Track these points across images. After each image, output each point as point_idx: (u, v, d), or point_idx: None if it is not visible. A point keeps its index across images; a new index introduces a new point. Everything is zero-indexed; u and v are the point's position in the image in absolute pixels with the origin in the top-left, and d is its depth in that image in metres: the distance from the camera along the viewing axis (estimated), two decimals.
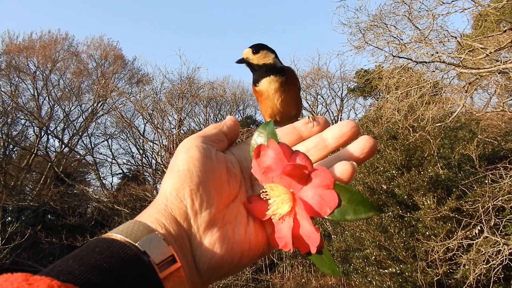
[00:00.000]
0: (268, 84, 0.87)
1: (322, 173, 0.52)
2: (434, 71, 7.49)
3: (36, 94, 17.50)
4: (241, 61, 0.90)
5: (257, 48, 0.89)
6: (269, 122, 0.63)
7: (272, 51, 0.90)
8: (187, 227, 0.51)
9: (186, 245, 0.50)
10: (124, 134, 18.44)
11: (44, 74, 17.74)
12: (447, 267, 6.46)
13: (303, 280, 11.12)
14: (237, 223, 0.55)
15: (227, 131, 0.63)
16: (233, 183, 0.57)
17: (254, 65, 0.89)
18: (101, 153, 19.34)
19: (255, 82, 0.89)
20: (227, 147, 0.63)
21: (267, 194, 0.55)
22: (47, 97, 17.83)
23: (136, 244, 0.45)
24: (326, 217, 0.50)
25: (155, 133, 14.20)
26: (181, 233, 0.50)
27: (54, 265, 0.41)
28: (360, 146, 0.56)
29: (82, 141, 18.80)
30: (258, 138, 0.62)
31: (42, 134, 17.21)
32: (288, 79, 0.88)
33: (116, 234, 0.46)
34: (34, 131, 17.53)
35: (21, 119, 16.80)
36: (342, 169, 0.53)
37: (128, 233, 0.46)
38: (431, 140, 7.79)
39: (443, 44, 7.40)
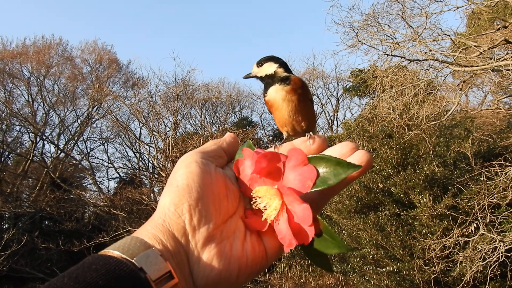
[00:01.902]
0: (275, 93, 0.90)
1: (293, 153, 0.55)
2: (428, 70, 7.52)
3: (30, 100, 17.47)
4: (248, 76, 0.98)
5: (262, 61, 0.97)
6: (245, 143, 0.64)
7: (277, 61, 0.97)
8: (185, 243, 0.51)
9: (183, 261, 0.50)
10: (120, 138, 18.46)
11: (38, 79, 17.72)
12: (444, 264, 6.47)
13: (302, 280, 11.11)
14: (235, 239, 0.54)
15: (227, 147, 0.63)
16: (231, 199, 0.57)
17: (259, 78, 0.96)
18: (97, 158, 19.35)
19: (264, 92, 0.94)
20: (226, 163, 0.63)
21: (256, 201, 0.56)
22: (41, 103, 17.81)
23: (133, 260, 0.45)
24: (311, 190, 0.52)
25: (151, 136, 14.17)
26: (178, 249, 0.50)
27: (49, 283, 0.41)
28: (357, 159, 0.56)
29: (78, 146, 18.81)
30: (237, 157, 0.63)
31: (38, 140, 17.18)
32: (293, 87, 0.90)
33: (112, 250, 0.46)
34: (29, 137, 17.52)
35: (16, 125, 16.80)
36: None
37: (125, 250, 0.46)
38: (427, 139, 7.80)
39: (437, 43, 7.44)
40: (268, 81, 0.94)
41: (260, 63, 0.96)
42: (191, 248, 0.51)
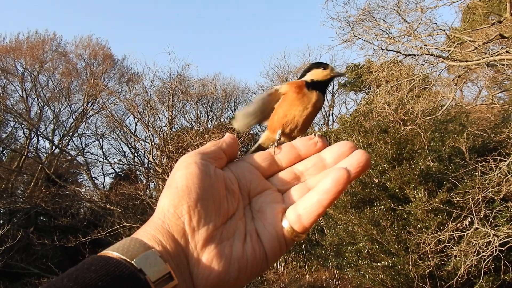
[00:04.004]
0: (315, 99, 0.87)
1: None
2: (423, 64, 7.52)
3: (24, 95, 17.39)
4: (334, 77, 0.94)
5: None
6: None
7: None
8: (184, 244, 0.50)
9: (183, 262, 0.50)
10: (115, 134, 18.40)
11: (32, 75, 17.64)
12: (439, 259, 6.51)
13: (297, 275, 11.16)
14: (234, 240, 0.54)
15: (226, 148, 0.63)
16: (231, 200, 0.57)
17: (329, 80, 0.94)
18: (92, 153, 19.29)
19: (310, 86, 0.90)
20: (225, 164, 0.63)
21: None
22: (36, 98, 17.75)
23: (132, 262, 0.44)
24: None
25: (146, 132, 14.11)
26: (178, 250, 0.50)
27: (48, 284, 0.41)
28: (356, 159, 0.57)
29: (73, 142, 18.76)
30: None
31: (32, 135, 17.12)
32: (322, 105, 0.92)
33: (112, 251, 0.46)
34: (23, 133, 17.46)
35: (10, 121, 16.70)
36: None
37: (124, 251, 0.46)
38: (422, 134, 7.82)
39: (432, 38, 7.43)
40: (325, 85, 0.93)
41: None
42: (190, 249, 0.50)
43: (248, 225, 0.57)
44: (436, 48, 7.08)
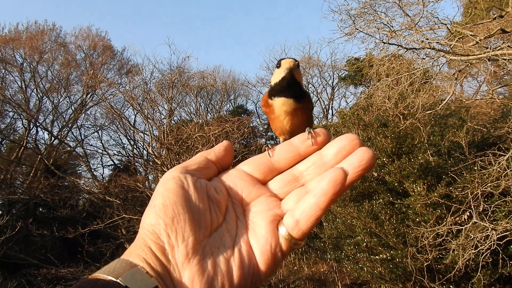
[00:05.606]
0: (282, 106, 0.80)
1: None
2: (424, 58, 7.50)
3: (23, 86, 17.30)
4: (290, 73, 0.79)
5: (298, 63, 0.80)
6: None
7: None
8: (166, 262, 0.51)
9: (169, 280, 0.50)
10: (114, 125, 18.33)
11: (31, 65, 17.53)
12: (437, 252, 6.53)
13: (295, 268, 11.21)
14: (219, 254, 0.53)
15: (215, 158, 0.62)
16: (216, 211, 0.56)
17: (295, 80, 0.80)
18: (91, 145, 19.25)
19: (272, 95, 0.82)
20: (216, 174, 0.62)
21: None
22: (35, 89, 17.68)
23: (118, 280, 0.45)
24: None
25: (145, 124, 14.07)
26: (162, 268, 0.50)
27: None
28: (358, 157, 0.55)
29: (72, 133, 18.71)
30: None
31: (31, 126, 17.06)
32: (303, 106, 0.82)
33: (99, 274, 0.47)
34: (22, 124, 17.41)
35: (9, 111, 16.62)
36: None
37: (111, 271, 0.47)
38: (421, 128, 7.82)
39: (433, 32, 7.41)
40: (286, 85, 0.80)
41: (299, 65, 0.80)
42: (172, 267, 0.50)
43: (239, 236, 0.56)
44: (437, 42, 7.05)
